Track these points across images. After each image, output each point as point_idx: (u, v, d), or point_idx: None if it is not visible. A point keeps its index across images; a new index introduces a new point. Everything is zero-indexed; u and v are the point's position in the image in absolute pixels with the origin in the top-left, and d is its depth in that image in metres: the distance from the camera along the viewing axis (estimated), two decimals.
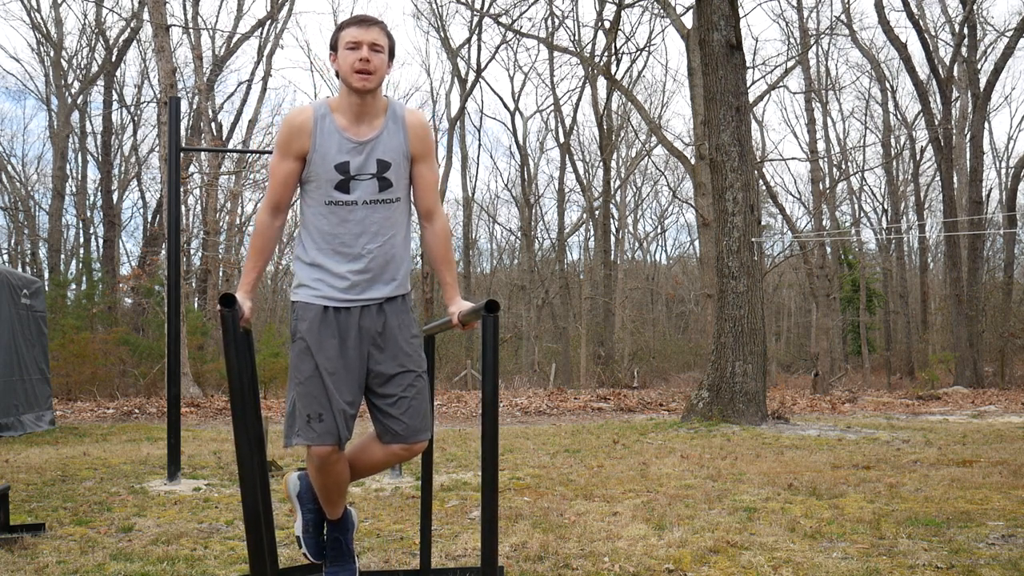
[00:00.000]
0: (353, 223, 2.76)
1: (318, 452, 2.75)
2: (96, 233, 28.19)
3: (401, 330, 2.84)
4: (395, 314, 2.84)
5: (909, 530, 4.41)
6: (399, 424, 2.80)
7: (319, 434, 2.71)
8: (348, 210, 2.76)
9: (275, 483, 6.16)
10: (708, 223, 17.33)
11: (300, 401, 2.74)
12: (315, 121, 2.75)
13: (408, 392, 2.80)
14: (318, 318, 2.77)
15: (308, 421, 2.72)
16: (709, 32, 11.50)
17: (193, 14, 24.64)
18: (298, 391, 2.75)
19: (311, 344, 2.75)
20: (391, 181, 2.79)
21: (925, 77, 24.94)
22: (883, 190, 33.32)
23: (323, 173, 2.75)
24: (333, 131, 2.75)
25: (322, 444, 2.73)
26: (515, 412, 14.34)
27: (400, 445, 2.84)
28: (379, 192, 2.77)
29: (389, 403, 2.81)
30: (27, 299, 11.02)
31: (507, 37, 27.69)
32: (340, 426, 2.74)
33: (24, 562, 3.92)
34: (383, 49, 2.77)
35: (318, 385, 2.72)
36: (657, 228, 39.17)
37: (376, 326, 2.81)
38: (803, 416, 12.67)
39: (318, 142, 2.74)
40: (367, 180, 2.76)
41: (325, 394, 2.72)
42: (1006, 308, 25.36)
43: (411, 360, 2.83)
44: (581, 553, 4.02)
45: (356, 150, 2.75)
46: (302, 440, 2.74)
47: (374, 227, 2.78)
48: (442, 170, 27.82)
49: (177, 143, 6.70)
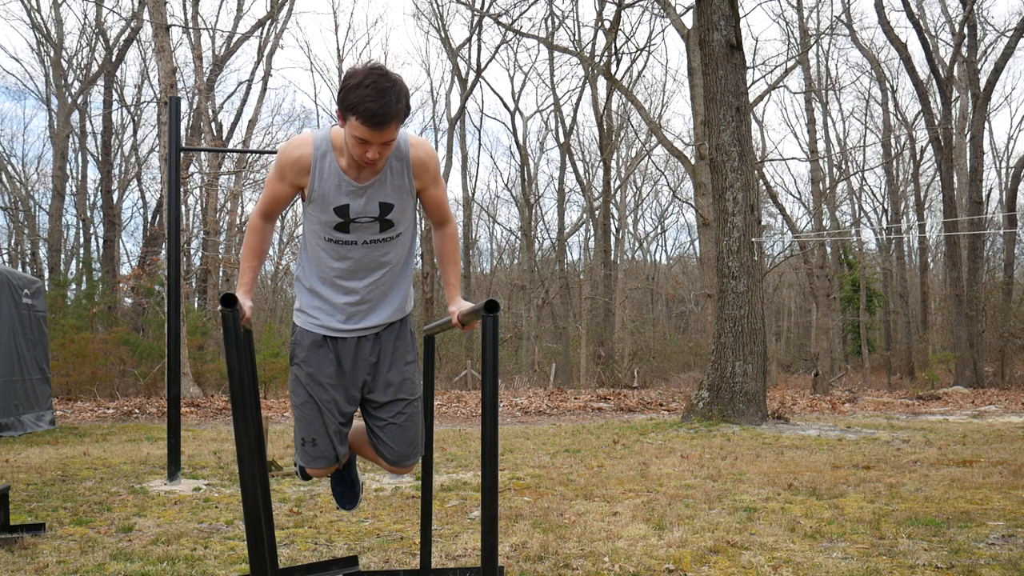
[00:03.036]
0: (352, 260, 2.73)
1: (315, 473, 2.93)
2: (96, 233, 28.19)
3: (396, 358, 2.87)
4: (391, 340, 2.86)
5: (909, 530, 4.42)
6: (388, 449, 2.89)
7: (313, 458, 2.87)
8: (347, 248, 2.71)
9: (275, 483, 6.17)
10: (708, 223, 17.33)
11: (297, 424, 2.87)
12: (314, 160, 2.62)
13: (397, 419, 2.86)
14: (316, 345, 2.82)
15: (303, 444, 2.86)
16: (709, 32, 11.50)
17: (193, 14, 24.66)
18: (295, 414, 2.87)
19: (308, 372, 2.82)
20: (393, 222, 2.70)
21: (925, 77, 24.94)
22: (883, 190, 33.36)
23: (322, 213, 2.66)
24: (333, 172, 2.62)
25: (316, 467, 2.90)
26: (515, 412, 14.34)
27: (390, 467, 2.95)
28: (380, 232, 2.71)
29: (380, 426, 2.88)
30: (28, 299, 11.01)
31: (507, 37, 27.72)
32: (335, 447, 2.86)
33: (24, 562, 3.93)
34: (395, 138, 2.54)
35: (313, 411, 2.82)
36: (657, 228, 39.21)
37: (372, 355, 2.84)
38: (803, 416, 12.67)
39: (317, 183, 2.62)
40: (368, 223, 2.67)
41: (320, 419, 2.82)
42: (1006, 308, 25.35)
43: (404, 388, 2.86)
44: (581, 553, 4.02)
45: (356, 193, 2.63)
46: (299, 462, 2.91)
47: (373, 263, 2.75)
48: (442, 170, 27.70)
49: (177, 143, 6.70)
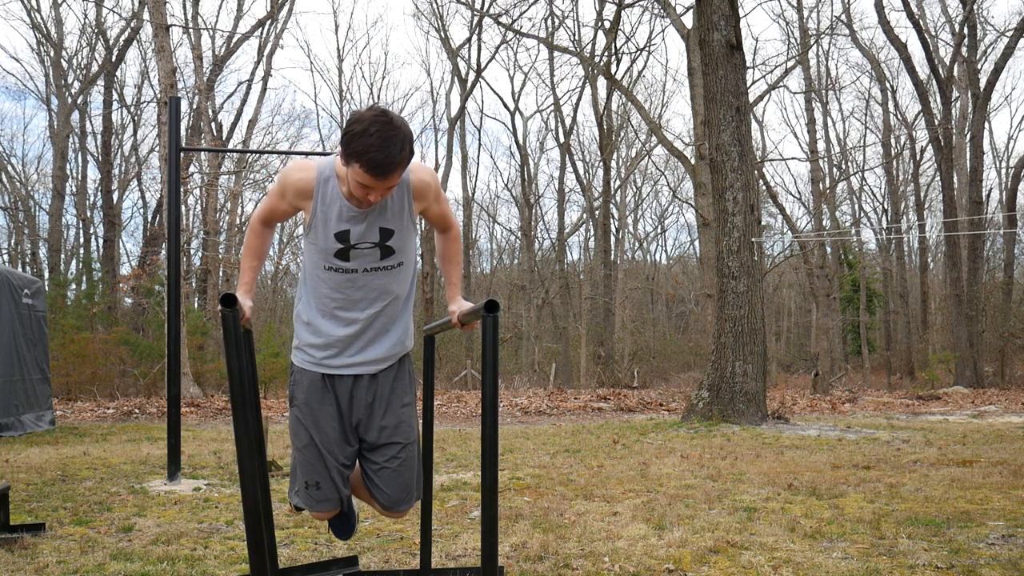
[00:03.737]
0: (352, 289, 2.71)
1: (316, 516, 2.93)
2: (96, 233, 28.19)
3: (393, 400, 2.84)
4: (389, 382, 2.84)
5: (909, 530, 4.42)
6: (382, 494, 2.87)
7: (317, 501, 2.85)
8: (348, 277, 2.70)
9: (275, 483, 6.17)
10: (708, 223, 17.33)
11: (299, 467, 2.84)
12: (317, 185, 2.63)
13: (391, 463, 2.85)
14: (314, 387, 2.80)
15: (307, 487, 2.83)
16: (709, 32, 11.50)
17: (193, 14, 24.67)
18: (297, 457, 2.85)
19: (307, 415, 2.80)
20: (393, 248, 2.69)
21: (925, 77, 24.94)
22: (883, 190, 33.37)
23: (323, 240, 2.66)
24: (336, 197, 2.62)
25: (320, 511, 2.88)
26: (515, 412, 14.34)
27: (384, 511, 2.94)
28: (380, 260, 2.69)
29: (375, 469, 2.87)
30: (28, 299, 11.01)
31: (507, 37, 27.73)
32: (338, 490, 2.85)
33: (24, 562, 3.93)
34: (397, 183, 2.55)
35: (315, 454, 2.81)
36: (657, 228, 39.22)
37: (368, 395, 2.82)
38: (803, 416, 12.67)
39: (319, 208, 2.63)
40: (368, 249, 2.67)
41: (322, 463, 2.81)
42: (1006, 308, 25.35)
43: (399, 431, 2.84)
44: (581, 553, 4.02)
45: (357, 219, 2.63)
46: (302, 504, 2.88)
47: (373, 293, 2.73)
48: (442, 170, 27.79)
49: (177, 143, 6.70)
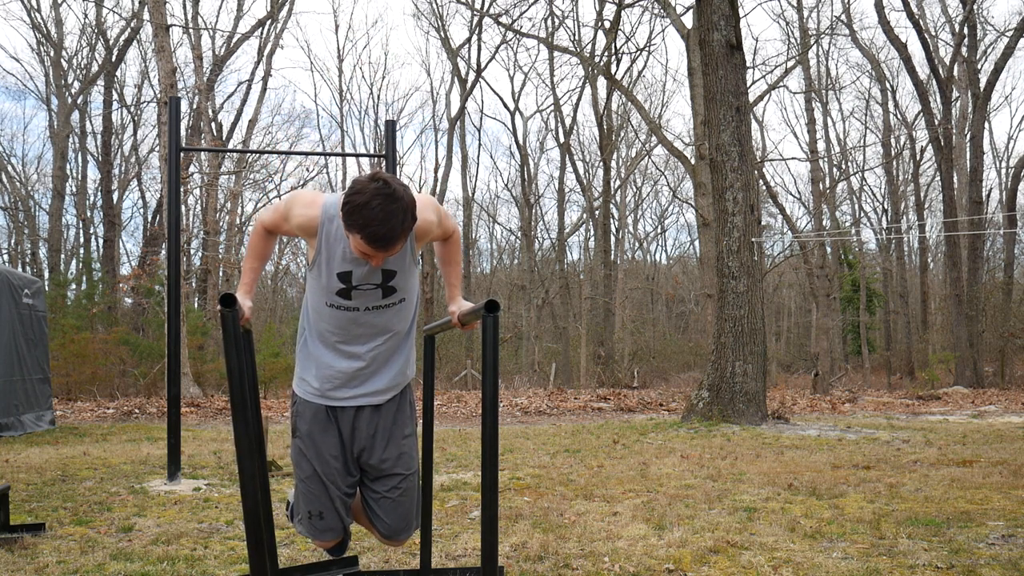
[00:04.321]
0: (354, 326, 2.72)
1: (319, 545, 2.96)
2: (96, 233, 28.19)
3: (395, 431, 2.86)
4: (391, 413, 2.86)
5: (909, 530, 4.42)
6: (382, 524, 2.91)
7: (321, 531, 2.88)
8: (350, 316, 2.70)
9: (275, 483, 6.17)
10: (708, 223, 17.33)
11: (303, 497, 2.87)
12: (322, 224, 2.63)
13: (392, 494, 2.88)
14: (317, 418, 2.82)
15: (310, 517, 2.87)
16: (709, 32, 11.50)
17: (193, 14, 24.65)
18: (300, 487, 2.87)
19: (310, 447, 2.82)
20: (395, 288, 2.70)
21: (925, 77, 24.93)
22: (883, 190, 33.35)
23: (326, 279, 2.66)
24: (340, 238, 2.61)
25: (323, 540, 2.91)
26: (515, 412, 14.34)
27: (383, 540, 2.98)
28: (382, 299, 2.70)
29: (375, 499, 2.90)
30: (28, 299, 11.01)
31: (507, 37, 27.71)
32: (341, 519, 2.88)
33: (24, 562, 3.93)
34: (399, 251, 2.56)
35: (318, 485, 2.83)
36: (657, 228, 39.19)
37: (370, 428, 2.84)
38: (803, 416, 12.67)
39: (323, 247, 2.64)
40: (370, 289, 2.67)
41: (326, 493, 2.83)
42: (1006, 308, 25.34)
43: (400, 463, 2.86)
44: (581, 553, 4.02)
45: (360, 260, 2.61)
46: (306, 533, 2.91)
47: (375, 330, 2.74)
48: (442, 170, 27.78)
49: (177, 143, 6.70)
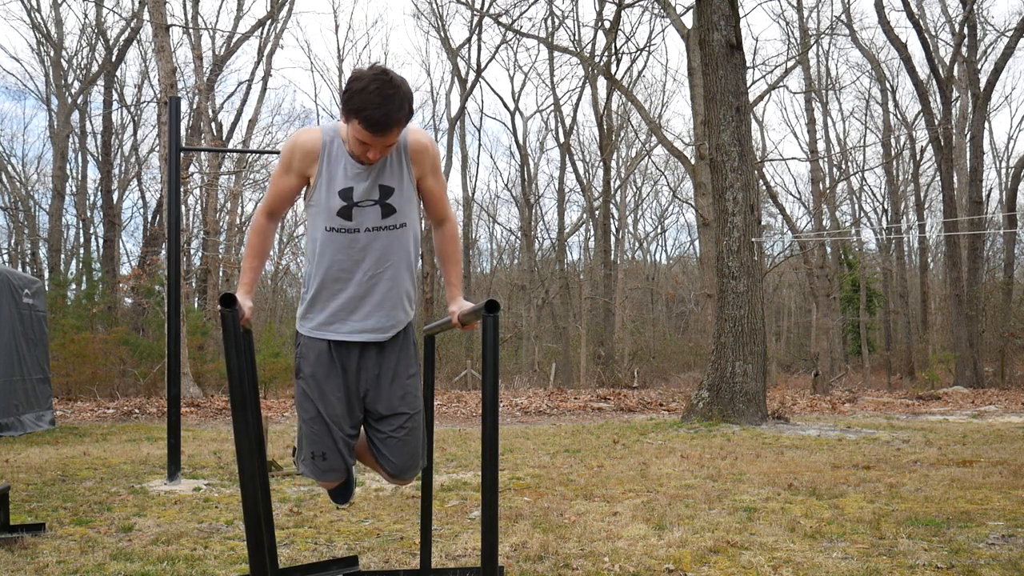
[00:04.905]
0: (355, 250, 2.75)
1: (325, 485, 2.98)
2: (96, 233, 28.19)
3: (399, 371, 2.88)
4: (395, 353, 2.87)
5: (909, 530, 4.42)
6: (388, 463, 2.91)
7: (323, 471, 2.88)
8: (350, 238, 2.74)
9: (275, 483, 6.17)
10: (708, 223, 17.32)
11: (306, 439, 2.87)
12: (324, 145, 2.72)
13: (398, 433, 2.88)
14: (321, 359, 2.82)
15: (313, 458, 2.86)
16: (709, 32, 11.50)
17: (193, 14, 24.65)
18: (303, 428, 2.87)
19: (314, 388, 2.83)
20: (394, 207, 2.75)
21: (925, 77, 24.92)
22: (883, 190, 33.34)
23: (327, 199, 2.72)
24: (341, 155, 2.72)
25: (327, 480, 2.93)
26: (515, 412, 14.33)
27: (391, 479, 2.98)
28: (382, 219, 2.74)
29: (381, 439, 2.90)
30: (28, 299, 11.01)
31: (507, 37, 27.70)
32: (344, 459, 2.88)
33: (24, 562, 3.93)
34: (396, 141, 2.67)
35: (321, 426, 2.83)
36: (657, 228, 39.19)
37: (375, 368, 2.85)
38: (803, 416, 12.67)
39: (325, 167, 2.72)
40: (370, 207, 2.73)
41: (329, 434, 2.83)
42: (1006, 308, 25.34)
43: (405, 402, 2.87)
44: (581, 553, 4.02)
45: (360, 175, 2.71)
46: (308, 474, 2.91)
47: (376, 254, 2.76)
48: (442, 168, 27.77)
49: (177, 143, 6.70)
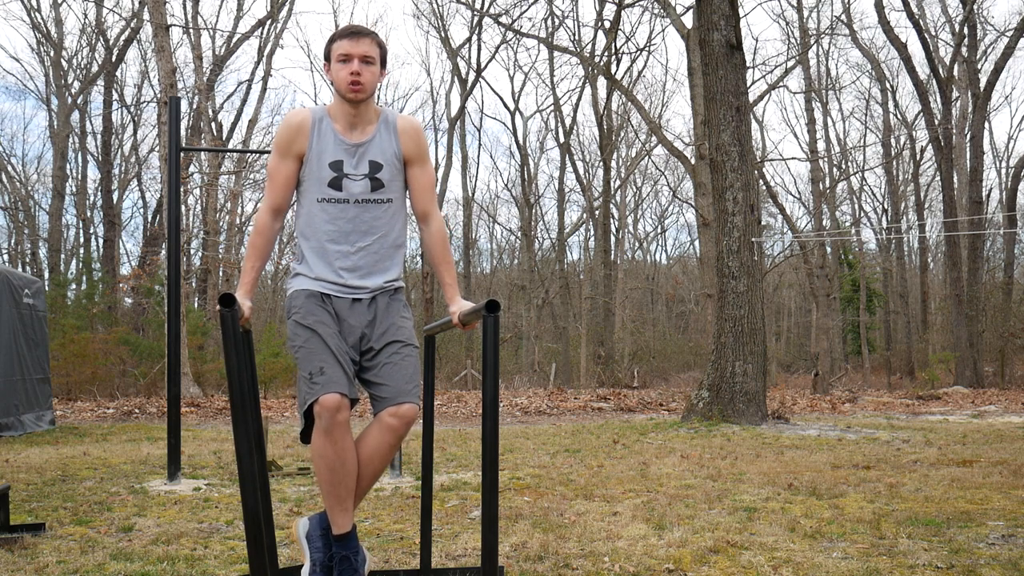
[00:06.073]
0: (344, 220, 2.86)
1: (325, 403, 2.66)
2: (96, 233, 28.20)
3: (391, 312, 2.93)
4: (385, 301, 2.94)
5: (909, 530, 4.41)
6: (385, 388, 2.81)
7: (323, 384, 2.66)
8: (340, 208, 2.86)
9: (275, 483, 6.17)
10: (708, 223, 17.33)
11: (302, 364, 2.73)
12: (313, 123, 2.88)
13: (393, 359, 2.86)
14: (313, 298, 2.87)
15: (311, 378, 2.68)
16: (709, 32, 11.50)
17: (193, 14, 24.64)
18: (300, 355, 2.76)
19: (307, 316, 2.82)
20: (383, 182, 2.90)
21: (925, 77, 24.93)
22: (883, 190, 33.35)
23: (317, 170, 2.86)
24: (329, 132, 2.88)
25: (327, 393, 2.66)
26: (515, 412, 14.34)
27: (389, 412, 2.79)
28: (371, 192, 2.88)
29: (376, 372, 2.86)
30: (29, 299, 11.01)
31: (507, 37, 27.72)
32: (344, 371, 2.72)
33: (24, 562, 3.93)
34: (374, 60, 2.87)
35: (318, 343, 2.76)
36: (657, 228, 39.21)
37: (367, 316, 2.90)
38: (803, 416, 12.67)
39: (315, 142, 2.87)
40: (359, 180, 2.88)
41: (327, 348, 2.75)
42: (1006, 308, 25.35)
43: (399, 333, 2.90)
44: (581, 553, 4.02)
45: (349, 151, 2.88)
46: (312, 396, 2.67)
47: (364, 226, 2.88)
48: (442, 170, 27.76)
49: (177, 143, 6.70)
